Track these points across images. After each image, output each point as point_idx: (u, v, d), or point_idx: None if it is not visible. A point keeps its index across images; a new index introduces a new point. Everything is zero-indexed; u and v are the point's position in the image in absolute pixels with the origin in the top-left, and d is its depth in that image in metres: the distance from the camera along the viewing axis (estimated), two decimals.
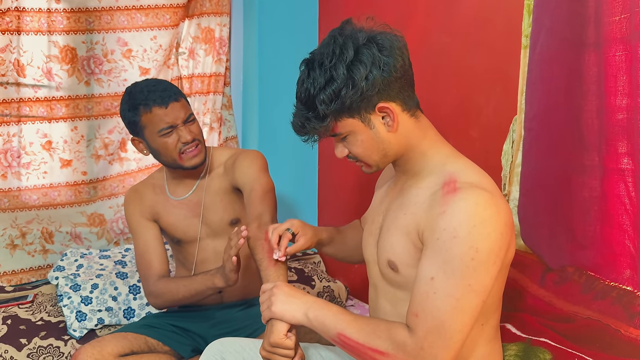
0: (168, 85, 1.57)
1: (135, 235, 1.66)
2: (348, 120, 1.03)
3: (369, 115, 1.03)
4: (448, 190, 0.98)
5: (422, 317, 0.96)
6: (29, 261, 2.15)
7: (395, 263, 1.07)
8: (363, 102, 1.01)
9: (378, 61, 0.99)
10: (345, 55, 0.99)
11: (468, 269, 0.93)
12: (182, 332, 1.64)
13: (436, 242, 0.96)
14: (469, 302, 0.94)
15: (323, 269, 2.35)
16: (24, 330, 1.77)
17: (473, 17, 1.57)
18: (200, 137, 1.59)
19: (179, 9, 2.31)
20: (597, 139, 1.19)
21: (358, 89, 0.99)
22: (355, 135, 1.05)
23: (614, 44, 1.13)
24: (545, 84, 1.30)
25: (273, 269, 1.27)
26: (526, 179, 1.38)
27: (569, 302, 1.27)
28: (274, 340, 1.09)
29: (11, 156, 2.11)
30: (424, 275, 0.97)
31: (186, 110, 1.56)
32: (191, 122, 1.57)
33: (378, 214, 1.18)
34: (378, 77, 0.99)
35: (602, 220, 1.19)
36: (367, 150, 1.06)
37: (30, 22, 2.07)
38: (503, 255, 0.98)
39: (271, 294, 1.12)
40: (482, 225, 0.94)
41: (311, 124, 1.04)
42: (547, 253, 1.34)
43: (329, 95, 1.00)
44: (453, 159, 1.07)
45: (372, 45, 0.99)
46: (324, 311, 1.07)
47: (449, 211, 0.95)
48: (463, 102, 1.62)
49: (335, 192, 2.39)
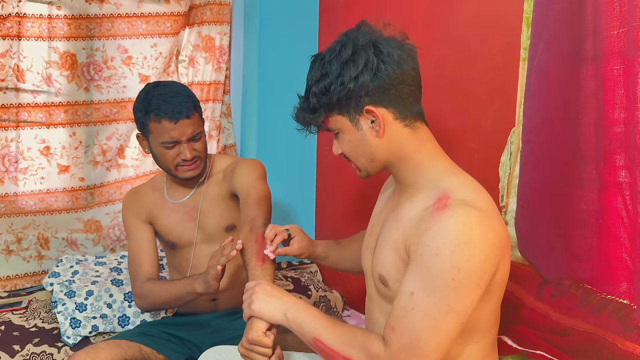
0: (185, 98, 1.55)
1: (129, 236, 1.69)
2: (338, 117, 1.05)
3: (357, 116, 1.04)
4: (438, 206, 0.96)
5: (398, 331, 0.95)
6: (24, 267, 2.14)
7: (386, 278, 1.06)
8: (352, 102, 1.02)
9: (372, 65, 1.00)
10: (342, 53, 1.01)
11: (448, 288, 0.91)
12: (177, 340, 1.63)
13: (419, 258, 0.95)
14: (446, 322, 0.93)
15: (320, 278, 2.35)
16: (18, 336, 1.76)
17: (472, 29, 1.58)
18: (202, 153, 1.59)
19: (180, 17, 2.32)
20: (594, 151, 1.19)
21: (345, 87, 1.01)
22: (344, 134, 1.07)
23: (612, 57, 1.14)
24: (543, 97, 1.31)
25: (260, 269, 1.28)
26: (524, 191, 1.38)
27: (566, 315, 1.26)
28: (252, 337, 1.10)
29: (9, 161, 2.11)
30: (405, 290, 0.96)
31: (195, 127, 1.56)
32: (196, 140, 1.57)
33: (376, 225, 1.18)
34: (368, 80, 1.00)
35: (600, 233, 1.19)
36: (353, 151, 1.08)
37: (31, 27, 2.07)
38: (488, 278, 0.95)
39: (253, 292, 1.13)
40: (467, 246, 0.91)
41: (304, 114, 1.08)
42: (544, 265, 1.34)
43: (321, 89, 1.03)
44: (449, 174, 1.04)
45: (369, 48, 1.01)
46: (303, 314, 1.07)
47: (435, 228, 0.94)
48: (461, 114, 1.62)
49: (332, 200, 2.39)
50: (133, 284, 1.63)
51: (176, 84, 1.64)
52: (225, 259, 1.34)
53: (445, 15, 1.67)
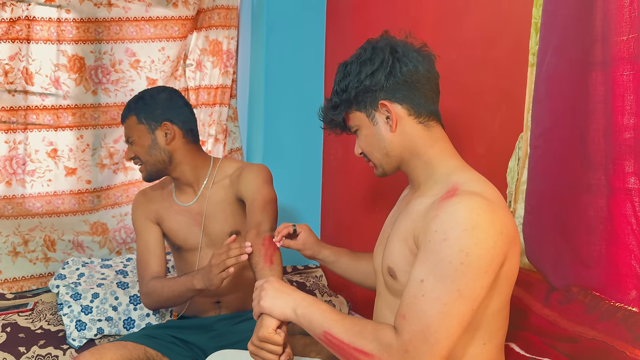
0: (129, 103, 1.67)
1: (138, 236, 1.71)
2: (356, 114, 1.13)
3: (373, 111, 1.11)
4: (446, 196, 0.98)
5: (409, 319, 0.94)
6: (31, 269, 2.15)
7: (394, 269, 1.07)
8: (368, 97, 1.10)
9: (387, 63, 1.08)
10: (362, 55, 1.11)
11: (457, 272, 0.92)
12: (182, 343, 1.63)
13: (427, 245, 0.96)
14: (456, 308, 0.93)
15: (325, 283, 2.34)
16: (23, 338, 1.76)
17: (480, 34, 1.57)
18: (140, 156, 1.65)
19: (188, 21, 2.32)
20: (603, 158, 1.18)
21: (362, 83, 1.09)
22: (362, 130, 1.14)
23: (621, 63, 1.13)
24: (552, 102, 1.30)
25: (268, 270, 1.30)
26: (532, 197, 1.37)
27: (574, 322, 1.25)
28: (262, 334, 1.10)
29: (16, 163, 2.12)
30: (415, 277, 0.96)
31: (127, 132, 1.66)
32: (130, 144, 1.66)
33: (389, 224, 1.20)
34: (382, 76, 1.08)
35: (608, 240, 1.18)
36: (369, 146, 1.14)
37: (40, 31, 2.09)
38: (497, 266, 0.96)
39: (262, 289, 1.13)
40: (474, 231, 0.93)
41: (327, 112, 1.18)
42: (551, 272, 1.33)
43: (342, 87, 1.13)
44: (459, 171, 1.07)
45: (387, 49, 1.09)
46: (312, 308, 1.06)
47: (442, 215, 0.95)
48: (469, 119, 1.62)
49: (338, 204, 2.39)
50: (140, 282, 1.66)
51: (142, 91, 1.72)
52: (234, 261, 1.34)
53: (454, 20, 1.67)
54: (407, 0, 1.89)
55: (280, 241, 1.39)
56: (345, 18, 2.27)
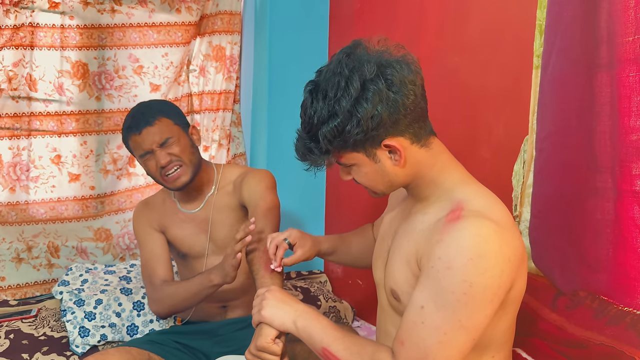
0: (149, 110, 1.58)
1: (142, 245, 1.68)
2: (352, 154, 1.00)
3: (374, 150, 0.99)
4: (451, 217, 0.93)
5: (407, 345, 0.93)
6: (34, 275, 2.14)
7: (397, 292, 1.04)
8: (368, 140, 0.96)
9: (385, 99, 0.93)
10: (350, 89, 0.93)
11: (459, 303, 0.89)
12: (186, 349, 1.62)
13: (430, 271, 0.92)
14: (457, 338, 0.90)
15: (329, 288, 2.33)
16: (26, 345, 1.76)
17: (484, 36, 1.56)
18: (183, 156, 1.57)
19: (191, 26, 2.33)
20: (610, 160, 1.17)
21: (362, 128, 0.94)
22: (359, 167, 1.02)
23: (627, 64, 1.12)
24: (557, 105, 1.29)
25: (269, 278, 1.28)
26: (538, 200, 1.36)
27: (582, 327, 1.23)
28: (260, 344, 1.08)
29: (20, 169, 2.12)
30: (415, 303, 0.94)
31: (162, 134, 1.54)
32: (169, 145, 1.55)
33: (387, 235, 1.16)
34: (385, 115, 0.94)
35: (616, 244, 1.16)
36: (371, 181, 1.04)
37: (44, 37, 2.09)
38: (502, 294, 0.92)
39: (263, 297, 1.12)
40: (480, 260, 0.88)
41: (313, 156, 1.02)
42: (558, 276, 1.31)
43: (332, 131, 0.95)
44: (463, 185, 1.02)
45: (379, 80, 0.93)
46: (313, 322, 1.05)
47: (447, 240, 0.91)
48: (473, 122, 1.61)
49: (342, 209, 2.38)
50: (149, 289, 1.62)
51: (152, 100, 1.68)
52: (241, 245, 1.34)
53: (458, 23, 1.66)
54: (409, 5, 1.89)
55: (280, 265, 1.28)
56: (348, 23, 2.27)
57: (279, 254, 1.27)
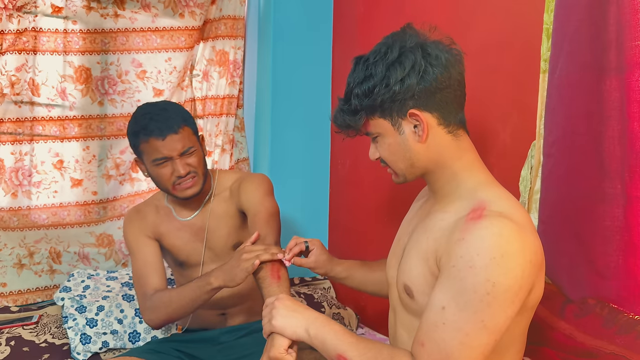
0: (172, 114, 1.51)
1: (134, 253, 1.60)
2: (379, 120, 1.02)
3: (400, 120, 1.01)
4: (473, 216, 0.92)
5: (428, 347, 0.91)
6: (36, 281, 2.13)
7: (411, 288, 1.03)
8: (395, 105, 0.99)
9: (419, 68, 0.97)
10: (388, 55, 0.98)
11: (482, 303, 0.87)
12: (187, 357, 1.60)
13: (451, 270, 0.91)
14: (479, 339, 0.88)
15: (333, 295, 2.31)
16: (28, 352, 1.74)
17: (491, 41, 1.55)
18: (199, 168, 1.54)
19: (194, 31, 2.32)
20: (619, 165, 1.15)
21: (390, 90, 0.97)
22: (384, 138, 1.03)
23: (636, 68, 1.10)
24: (565, 109, 1.27)
25: (276, 285, 1.26)
26: (545, 207, 1.34)
27: (591, 335, 1.21)
28: (273, 355, 1.06)
29: (22, 175, 2.11)
30: (435, 304, 0.92)
31: (185, 142, 1.50)
32: (189, 155, 1.52)
33: (405, 233, 1.15)
34: (414, 83, 0.97)
35: (625, 250, 1.14)
36: (393, 155, 1.04)
37: (47, 42, 2.09)
38: (524, 295, 0.91)
39: (273, 307, 1.09)
40: (503, 259, 0.87)
41: (344, 116, 1.05)
42: (567, 284, 1.29)
43: (364, 91, 1.00)
44: (486, 186, 1.01)
45: (417, 51, 0.98)
46: (326, 329, 1.03)
47: (469, 238, 0.90)
48: (480, 127, 1.59)
49: (346, 215, 2.36)
50: (141, 299, 1.54)
51: (165, 101, 1.62)
52: (269, 257, 1.31)
53: (465, 26, 1.65)
54: (415, 9, 1.87)
55: (291, 260, 1.31)
56: (352, 27, 2.26)
57: (294, 250, 1.31)
